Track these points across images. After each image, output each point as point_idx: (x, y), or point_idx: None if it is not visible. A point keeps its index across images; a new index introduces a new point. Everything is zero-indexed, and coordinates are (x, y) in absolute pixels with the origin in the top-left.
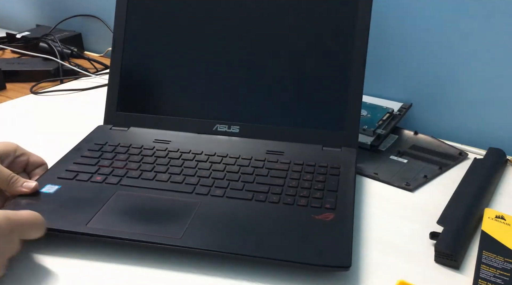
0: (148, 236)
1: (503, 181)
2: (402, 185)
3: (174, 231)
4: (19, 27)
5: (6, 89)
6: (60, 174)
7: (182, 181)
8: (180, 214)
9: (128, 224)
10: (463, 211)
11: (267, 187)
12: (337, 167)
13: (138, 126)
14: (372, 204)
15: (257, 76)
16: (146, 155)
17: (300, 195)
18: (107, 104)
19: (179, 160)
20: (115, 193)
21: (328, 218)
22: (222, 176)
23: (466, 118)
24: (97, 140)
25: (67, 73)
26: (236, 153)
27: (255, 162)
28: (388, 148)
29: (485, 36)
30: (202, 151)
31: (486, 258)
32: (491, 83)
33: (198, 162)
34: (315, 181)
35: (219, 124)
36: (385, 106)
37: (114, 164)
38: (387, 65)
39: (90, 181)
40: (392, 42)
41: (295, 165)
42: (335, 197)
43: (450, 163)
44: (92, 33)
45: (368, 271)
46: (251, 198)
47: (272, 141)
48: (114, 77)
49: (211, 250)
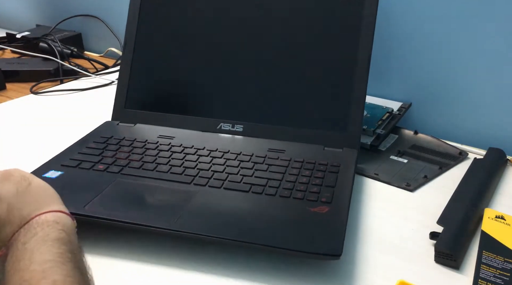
0: (142, 220)
1: (503, 181)
2: (402, 185)
3: (168, 216)
4: (19, 27)
5: (6, 89)
6: (63, 162)
7: (182, 172)
8: (177, 201)
9: (125, 209)
10: (463, 211)
11: (265, 180)
12: (336, 165)
13: (145, 123)
14: (372, 204)
15: (262, 76)
16: (149, 148)
17: (297, 189)
18: (115, 101)
19: (180, 153)
20: (115, 180)
21: (323, 211)
22: (221, 169)
23: (466, 118)
24: (103, 134)
25: (67, 73)
26: (237, 150)
27: (256, 158)
28: (388, 147)
29: (485, 36)
30: (204, 147)
31: (486, 258)
32: (491, 83)
33: (200, 156)
34: (313, 177)
35: (223, 123)
36: (384, 106)
37: (117, 155)
38: (386, 65)
39: (92, 169)
40: (391, 42)
41: (295, 162)
42: (332, 192)
43: (450, 162)
44: (92, 33)
45: (368, 271)
46: (248, 190)
47: (275, 140)
48: (123, 75)
49: (204, 234)
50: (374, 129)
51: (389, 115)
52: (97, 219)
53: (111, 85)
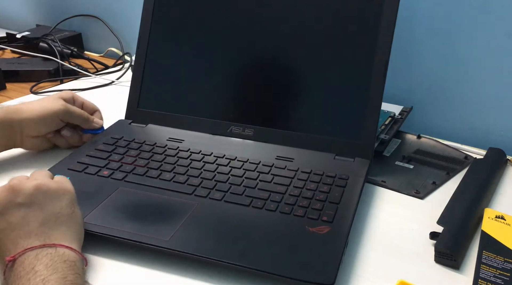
0: (137, 236)
1: (503, 181)
2: (411, 193)
3: (163, 232)
4: (19, 27)
5: (6, 89)
6: (70, 165)
7: (185, 181)
8: (174, 215)
9: (122, 221)
10: (463, 211)
11: (267, 193)
12: (345, 178)
13: (156, 124)
14: (372, 204)
15: (275, 79)
16: (156, 153)
17: (299, 204)
18: (129, 100)
19: (187, 159)
20: (118, 188)
21: (322, 231)
22: (225, 179)
23: (466, 118)
24: (113, 134)
25: (67, 73)
26: (245, 156)
27: (262, 166)
28: (392, 152)
29: (485, 36)
30: (211, 152)
31: (486, 258)
32: (491, 84)
33: (205, 163)
34: (318, 191)
35: (233, 126)
36: (386, 110)
37: (124, 160)
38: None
39: (97, 174)
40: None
41: (302, 172)
42: (335, 209)
43: (457, 167)
44: (92, 33)
45: (368, 271)
46: (249, 204)
47: (284, 146)
48: (137, 74)
49: (195, 254)
50: (378, 134)
51: (391, 119)
52: (94, 233)
53: (111, 85)
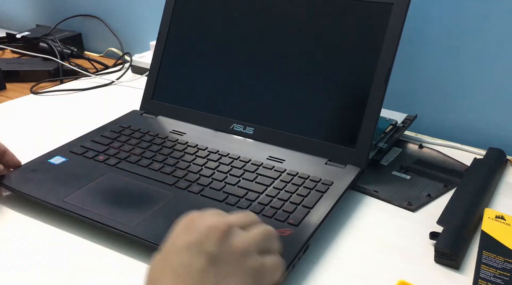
0: (106, 219)
1: (503, 181)
2: (403, 205)
3: (131, 218)
4: (19, 27)
5: (6, 89)
6: (73, 148)
7: (171, 172)
8: (148, 203)
9: (97, 204)
10: (463, 211)
11: (245, 191)
12: (328, 184)
13: (165, 116)
14: (372, 205)
15: (281, 81)
16: (155, 143)
17: (272, 205)
18: (145, 91)
19: (181, 152)
20: (106, 174)
21: (284, 234)
22: (209, 174)
23: (466, 118)
24: (122, 123)
25: (67, 73)
26: (237, 154)
27: (250, 165)
28: (390, 162)
29: (486, 37)
30: (206, 147)
31: (486, 258)
32: (491, 84)
33: (197, 157)
34: (296, 194)
35: (236, 123)
36: (388, 118)
37: (122, 147)
38: None
39: (94, 159)
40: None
41: (287, 174)
42: (305, 213)
43: (456, 180)
44: (92, 33)
45: (368, 271)
46: (222, 200)
47: (279, 147)
48: (154, 66)
49: (154, 243)
50: (376, 142)
51: (392, 127)
52: (69, 212)
53: (111, 85)
